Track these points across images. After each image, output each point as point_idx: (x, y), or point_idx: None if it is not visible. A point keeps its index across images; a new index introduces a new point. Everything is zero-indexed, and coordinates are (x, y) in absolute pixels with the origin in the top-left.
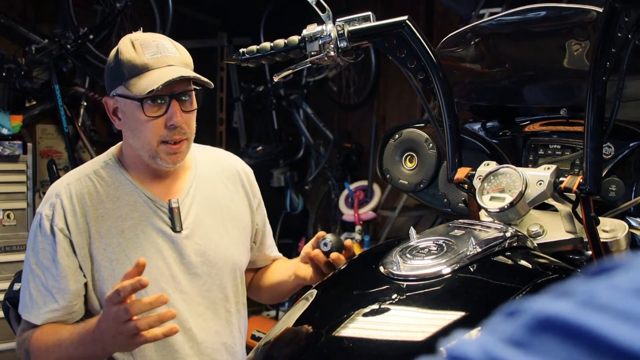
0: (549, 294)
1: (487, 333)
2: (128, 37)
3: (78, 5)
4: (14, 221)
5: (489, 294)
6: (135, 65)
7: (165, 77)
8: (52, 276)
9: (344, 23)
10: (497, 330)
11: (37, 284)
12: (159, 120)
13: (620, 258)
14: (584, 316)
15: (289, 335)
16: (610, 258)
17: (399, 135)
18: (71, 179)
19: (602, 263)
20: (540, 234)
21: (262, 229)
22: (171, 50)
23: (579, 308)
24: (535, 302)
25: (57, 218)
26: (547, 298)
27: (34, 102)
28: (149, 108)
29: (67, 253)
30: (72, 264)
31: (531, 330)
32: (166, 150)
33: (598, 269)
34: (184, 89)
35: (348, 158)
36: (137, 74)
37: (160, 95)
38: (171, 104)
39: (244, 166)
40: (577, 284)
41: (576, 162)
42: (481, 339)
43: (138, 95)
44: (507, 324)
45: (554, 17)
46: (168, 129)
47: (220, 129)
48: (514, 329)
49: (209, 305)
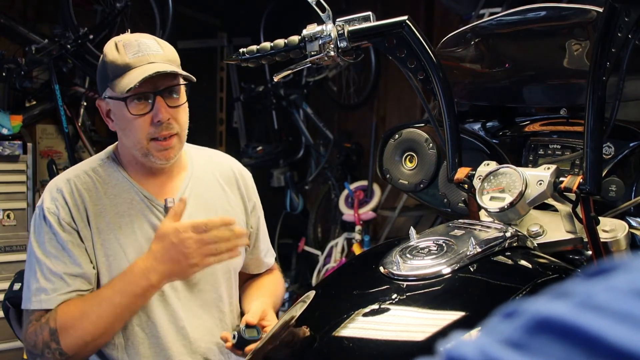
0: (547, 294)
1: (485, 334)
2: (113, 40)
3: (78, 5)
4: (14, 221)
5: (489, 294)
6: (118, 65)
7: (144, 74)
8: (61, 263)
9: (344, 23)
10: (494, 332)
11: (45, 273)
12: (145, 117)
13: (618, 259)
14: (582, 317)
15: (289, 335)
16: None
17: (399, 135)
18: (70, 175)
19: (600, 264)
20: (540, 234)
21: (256, 233)
22: (153, 48)
23: (576, 309)
24: (533, 303)
25: (62, 212)
26: (545, 299)
27: (34, 102)
28: (134, 106)
29: (78, 244)
30: (82, 254)
31: (529, 332)
32: (156, 147)
33: (595, 270)
34: (169, 84)
35: (348, 158)
36: (120, 74)
37: (144, 92)
38: (156, 101)
39: (241, 168)
40: (574, 285)
41: (576, 162)
42: (479, 340)
43: (120, 95)
44: (505, 325)
45: (554, 17)
46: (155, 125)
47: (220, 129)
48: (511, 330)
49: (203, 305)
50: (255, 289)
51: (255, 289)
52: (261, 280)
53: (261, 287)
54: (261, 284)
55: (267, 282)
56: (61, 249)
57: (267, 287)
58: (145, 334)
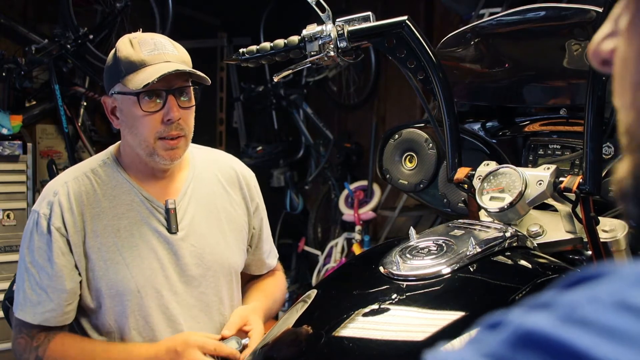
0: (530, 304)
1: (469, 346)
2: (127, 36)
3: (78, 5)
4: (14, 221)
5: (489, 294)
6: (132, 61)
7: (161, 71)
8: (47, 275)
9: (344, 23)
10: (478, 344)
11: (32, 283)
12: (155, 115)
13: (599, 267)
14: (566, 332)
15: (289, 335)
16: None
17: (398, 135)
18: (68, 177)
19: (581, 272)
20: (540, 234)
21: (259, 233)
22: (169, 48)
23: (560, 322)
24: (516, 315)
25: (54, 217)
26: (528, 309)
27: (34, 102)
28: (145, 103)
29: (64, 252)
30: (68, 264)
31: (512, 346)
32: (164, 145)
33: (576, 278)
34: (182, 85)
35: (348, 158)
36: (134, 70)
37: (157, 90)
38: (168, 99)
39: (243, 168)
40: (556, 295)
41: (576, 162)
42: (462, 353)
43: (134, 90)
44: (489, 337)
45: (553, 17)
46: (165, 124)
47: (220, 129)
48: (495, 344)
49: (203, 308)
50: (253, 291)
51: (253, 291)
52: (260, 284)
53: (258, 290)
54: (259, 287)
55: (266, 285)
56: (47, 260)
57: (264, 291)
58: (143, 338)
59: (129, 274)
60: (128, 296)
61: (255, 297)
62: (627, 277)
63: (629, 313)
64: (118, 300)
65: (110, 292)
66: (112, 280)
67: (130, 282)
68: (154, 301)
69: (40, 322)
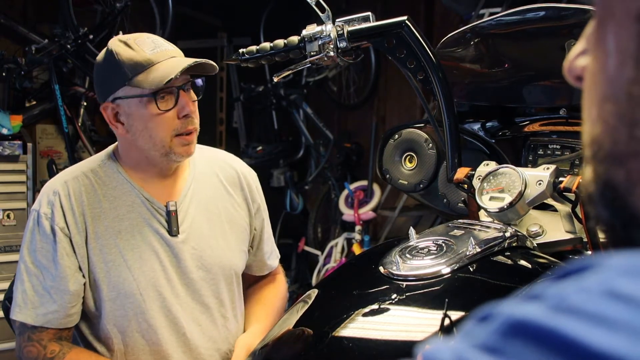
0: (520, 296)
1: (461, 339)
2: (117, 39)
3: (78, 5)
4: (14, 221)
5: (489, 294)
6: (138, 62)
7: (178, 66)
8: (50, 276)
9: (344, 23)
10: (470, 336)
11: (33, 284)
12: (170, 113)
13: (587, 259)
14: (556, 320)
15: (289, 336)
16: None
17: (398, 135)
18: (68, 176)
19: (569, 265)
20: (539, 234)
21: (260, 234)
22: (166, 44)
23: (550, 312)
24: (506, 306)
25: (57, 217)
26: (517, 301)
27: (34, 102)
28: (162, 101)
29: (68, 253)
30: (72, 265)
31: (503, 336)
32: (180, 142)
33: (566, 270)
34: (188, 79)
35: (348, 158)
36: (142, 70)
37: (168, 87)
38: (180, 95)
39: (245, 169)
40: (546, 287)
41: (576, 162)
42: (455, 345)
43: (150, 89)
44: (480, 329)
45: (553, 17)
46: (181, 120)
47: (220, 129)
48: (486, 335)
49: (204, 311)
50: (254, 305)
51: (254, 305)
52: (261, 295)
53: (259, 303)
54: (260, 299)
55: (267, 297)
56: (51, 261)
57: (265, 305)
58: (146, 341)
59: (131, 275)
60: (130, 298)
61: (258, 315)
62: (615, 268)
63: (617, 301)
64: (119, 303)
65: (111, 295)
66: (114, 282)
67: (131, 283)
68: (155, 303)
69: (42, 323)
